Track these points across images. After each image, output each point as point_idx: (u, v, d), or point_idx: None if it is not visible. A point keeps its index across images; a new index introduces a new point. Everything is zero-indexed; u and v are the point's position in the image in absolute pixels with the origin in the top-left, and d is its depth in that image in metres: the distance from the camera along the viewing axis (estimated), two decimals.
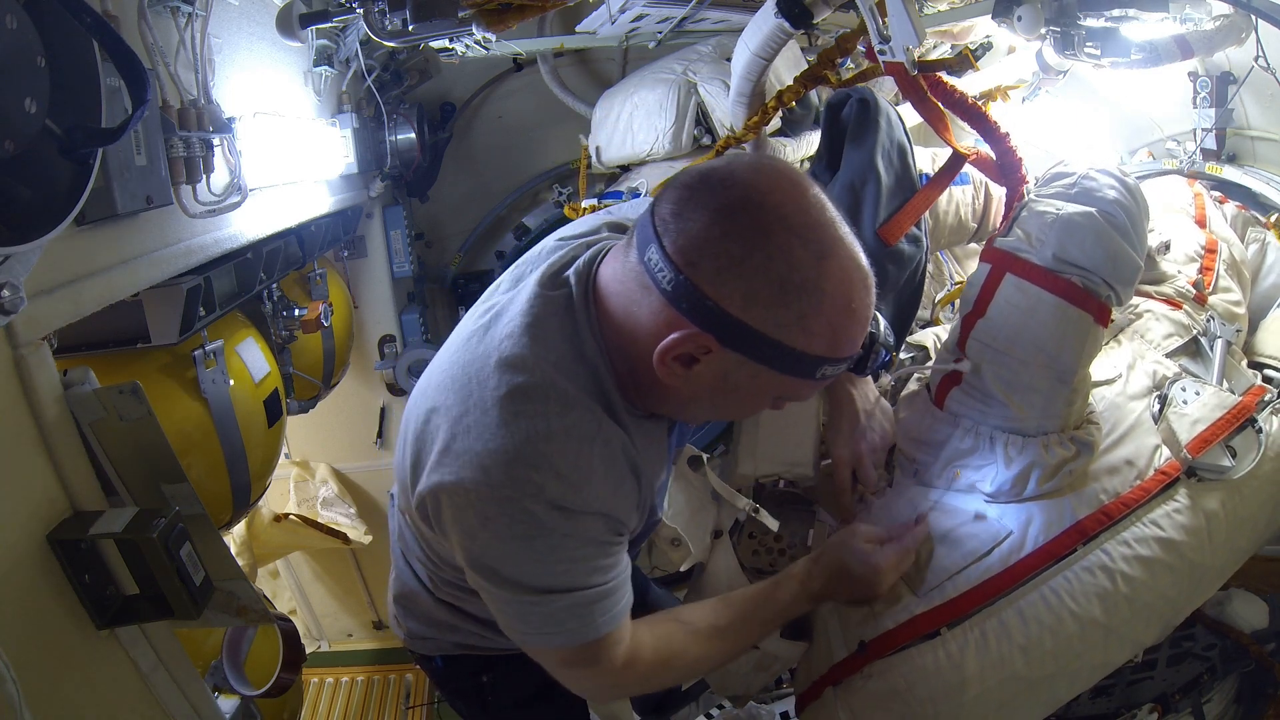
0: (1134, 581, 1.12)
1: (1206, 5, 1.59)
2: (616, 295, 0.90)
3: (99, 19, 0.88)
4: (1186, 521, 1.17)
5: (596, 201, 2.38)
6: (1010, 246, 1.21)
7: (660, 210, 0.85)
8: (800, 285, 0.81)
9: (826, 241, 0.82)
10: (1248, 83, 1.71)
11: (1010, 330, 1.18)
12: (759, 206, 0.81)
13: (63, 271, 1.06)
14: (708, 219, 0.82)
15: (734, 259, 0.80)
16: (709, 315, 0.82)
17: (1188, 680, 1.62)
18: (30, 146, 0.83)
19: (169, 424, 1.13)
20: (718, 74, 2.34)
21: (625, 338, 0.90)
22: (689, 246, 0.82)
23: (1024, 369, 1.17)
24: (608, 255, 0.96)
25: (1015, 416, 1.18)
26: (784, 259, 0.80)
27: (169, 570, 1.00)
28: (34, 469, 0.97)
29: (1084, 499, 1.16)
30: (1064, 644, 1.10)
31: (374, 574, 3.58)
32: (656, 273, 0.84)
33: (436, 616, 1.23)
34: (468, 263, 3.83)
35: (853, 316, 0.86)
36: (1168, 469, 1.20)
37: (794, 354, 0.84)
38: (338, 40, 2.29)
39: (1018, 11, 1.45)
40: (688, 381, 0.88)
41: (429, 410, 0.94)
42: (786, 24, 1.46)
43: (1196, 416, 1.26)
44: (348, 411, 3.25)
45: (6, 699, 0.82)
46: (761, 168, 0.85)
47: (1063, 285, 1.15)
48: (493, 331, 0.93)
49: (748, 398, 0.92)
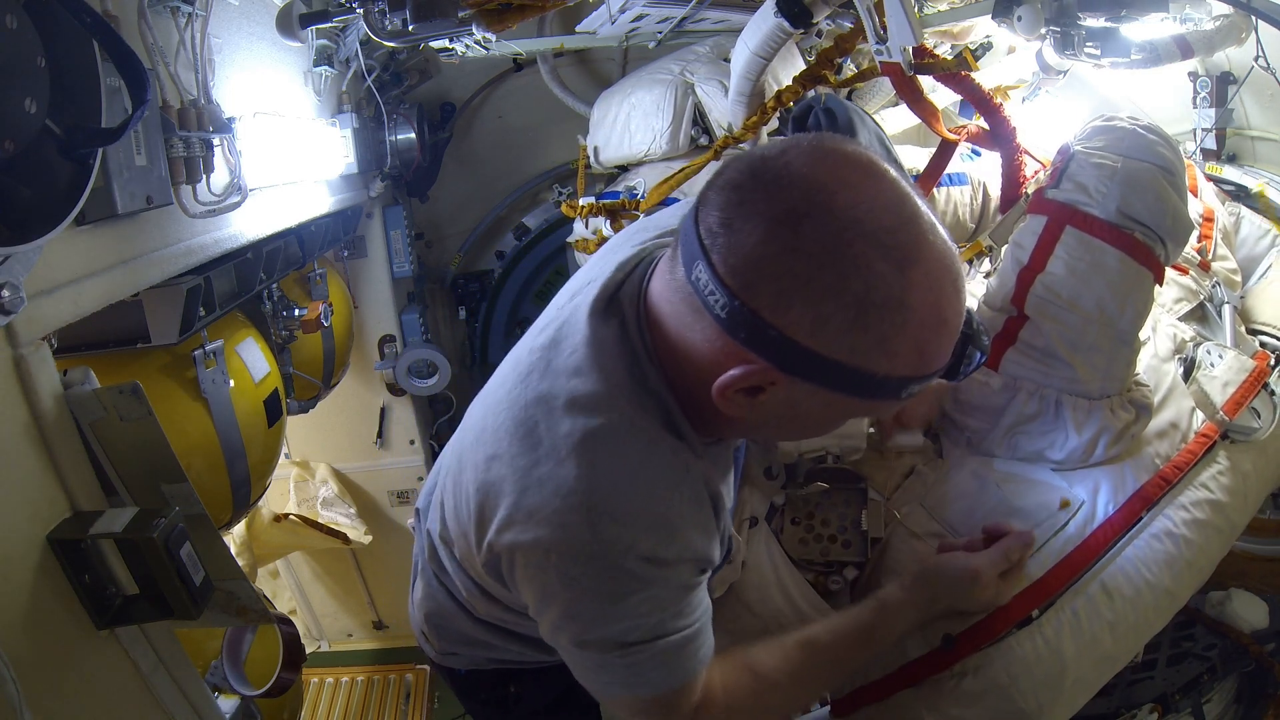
0: (1193, 546, 1.10)
1: (1206, 5, 1.59)
2: (669, 318, 0.79)
3: (99, 19, 0.88)
4: (1229, 483, 1.16)
5: (595, 201, 2.38)
6: (1068, 199, 1.15)
7: (705, 218, 0.72)
8: (882, 304, 0.68)
9: (910, 244, 0.68)
10: (1248, 83, 1.70)
11: (1074, 286, 1.12)
12: (826, 211, 0.67)
13: (63, 271, 1.06)
14: (764, 231, 0.68)
15: (800, 280, 0.67)
16: (772, 345, 0.70)
17: (1188, 680, 1.62)
18: (30, 146, 0.83)
19: (169, 424, 1.13)
20: (715, 74, 2.34)
21: (683, 363, 0.79)
22: (744, 266, 0.69)
23: (1088, 327, 1.12)
24: (655, 269, 0.84)
25: (1079, 378, 1.13)
26: (860, 275, 0.67)
27: (169, 570, 1.00)
28: (34, 469, 0.97)
29: (1141, 464, 1.13)
30: (1142, 617, 1.06)
31: (374, 574, 3.59)
32: (707, 296, 0.72)
33: (474, 636, 1.16)
34: (468, 263, 3.83)
35: (943, 329, 0.73)
36: (1207, 431, 1.18)
37: (874, 379, 0.71)
38: (338, 40, 2.29)
39: (1018, 11, 1.45)
40: (753, 411, 0.77)
41: (489, 458, 0.84)
42: (786, 23, 1.46)
43: (1226, 379, 1.25)
44: (348, 411, 3.26)
45: (6, 699, 0.82)
46: (825, 154, 0.71)
47: (1126, 240, 1.11)
48: (555, 364, 0.83)
49: (823, 422, 0.84)
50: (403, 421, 3.37)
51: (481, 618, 1.11)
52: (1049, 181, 1.22)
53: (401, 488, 3.45)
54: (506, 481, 0.81)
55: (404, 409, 3.35)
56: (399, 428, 3.37)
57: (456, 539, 0.96)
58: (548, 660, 1.09)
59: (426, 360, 3.15)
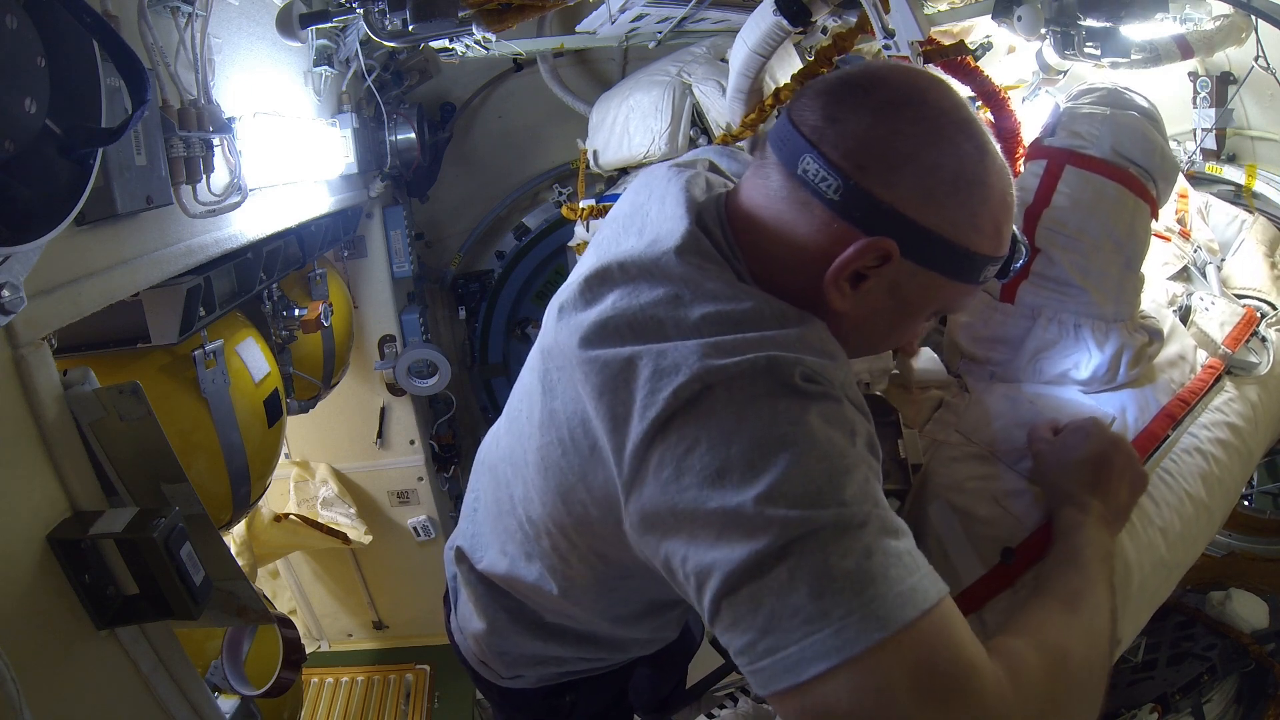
0: (1220, 463, 1.16)
1: (1206, 5, 1.59)
2: (770, 221, 0.81)
3: (99, 19, 0.87)
4: (1241, 409, 1.24)
5: (595, 202, 2.38)
6: (1065, 143, 1.24)
7: (805, 118, 0.79)
8: (971, 181, 0.77)
9: (982, 135, 0.79)
10: (1248, 83, 1.71)
11: (1079, 217, 1.20)
12: (922, 102, 0.77)
13: (63, 271, 1.06)
14: (871, 118, 0.76)
15: (907, 157, 0.75)
16: (884, 219, 0.76)
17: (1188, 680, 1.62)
18: (30, 146, 0.83)
19: (169, 424, 1.13)
20: (712, 74, 2.34)
21: (780, 273, 0.81)
22: (856, 149, 0.76)
23: (1096, 254, 1.19)
24: (739, 188, 0.87)
25: (1094, 301, 1.19)
26: (954, 154, 0.76)
27: (169, 570, 1.00)
28: (34, 469, 0.97)
29: (1160, 388, 1.20)
30: (1188, 528, 1.10)
31: (374, 574, 3.59)
32: (819, 184, 0.77)
33: (543, 653, 1.11)
34: (468, 263, 3.83)
35: (1010, 210, 0.82)
36: (1212, 364, 1.27)
37: (967, 255, 0.79)
38: (338, 40, 2.29)
39: (1018, 11, 1.45)
40: (856, 303, 0.80)
41: (600, 367, 0.75)
42: (784, 21, 1.46)
43: (1221, 319, 1.35)
44: (348, 411, 3.26)
45: (6, 699, 0.82)
46: (901, 67, 0.82)
47: (1122, 174, 1.19)
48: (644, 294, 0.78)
49: (912, 315, 0.85)
50: (403, 421, 3.37)
51: (552, 620, 1.05)
52: (1043, 134, 1.29)
53: (401, 488, 3.45)
54: (642, 357, 0.72)
55: (404, 409, 3.35)
56: (399, 428, 3.37)
57: (572, 503, 0.84)
58: (608, 661, 1.11)
59: (426, 360, 3.15)
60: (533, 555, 0.98)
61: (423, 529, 3.47)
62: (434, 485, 3.47)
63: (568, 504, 0.85)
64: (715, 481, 0.66)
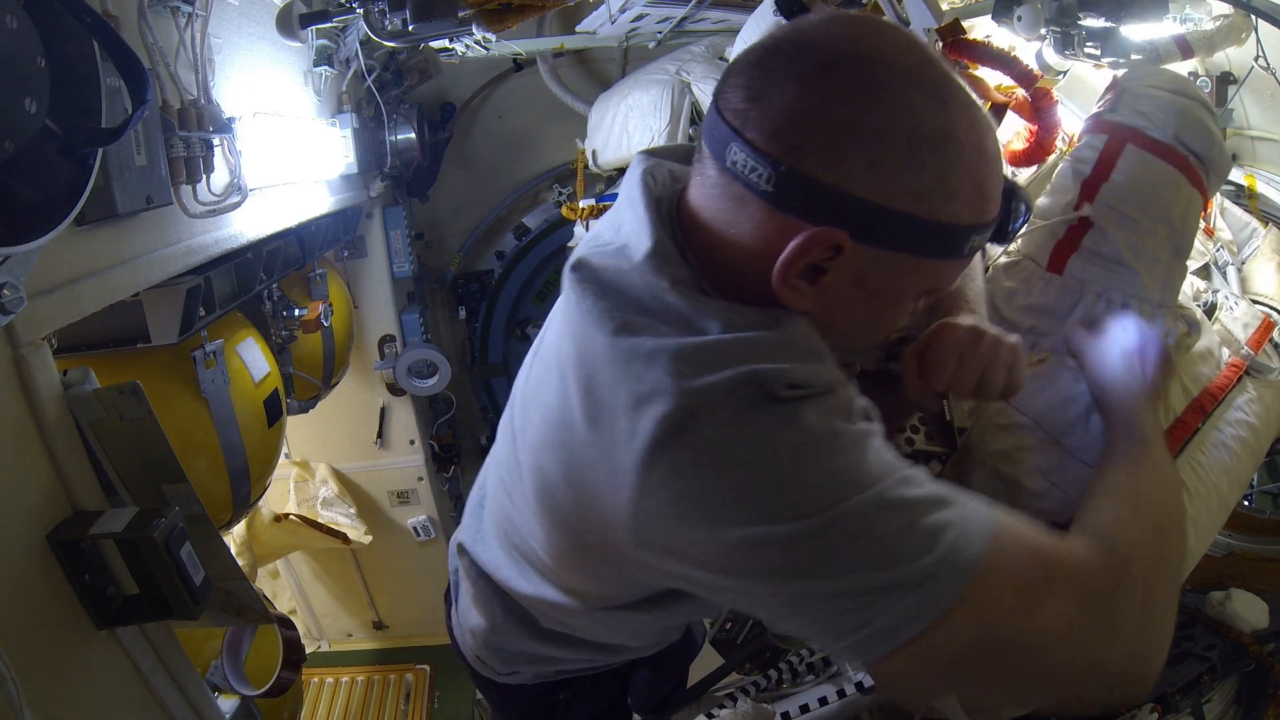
0: (1240, 460, 1.17)
1: (1206, 5, 1.59)
2: (712, 222, 0.72)
3: (99, 19, 0.88)
4: (1259, 410, 1.24)
5: (595, 202, 2.38)
6: (1127, 120, 1.22)
7: (728, 100, 0.68)
8: (930, 138, 0.64)
9: (941, 79, 0.66)
10: (1248, 83, 1.70)
11: (1139, 197, 1.18)
12: (854, 56, 0.64)
13: (63, 271, 1.06)
14: (796, 88, 0.64)
15: (845, 127, 0.63)
16: (829, 205, 0.64)
17: (1188, 680, 1.62)
18: (30, 146, 0.83)
19: (169, 424, 1.13)
20: (711, 73, 2.34)
21: (732, 276, 0.71)
22: (783, 129, 0.64)
23: (1150, 237, 1.18)
24: (687, 186, 0.77)
25: (1142, 284, 1.18)
26: (905, 111, 0.63)
27: (169, 570, 1.00)
28: (34, 469, 0.97)
29: (1190, 379, 1.21)
30: (1209, 520, 1.11)
31: (374, 574, 3.59)
32: (750, 175, 0.66)
33: (539, 652, 1.10)
34: (468, 263, 3.83)
35: (994, 164, 0.69)
36: (1235, 363, 1.27)
37: (939, 228, 0.67)
38: (338, 40, 2.30)
39: (1018, 11, 1.45)
40: (817, 300, 0.70)
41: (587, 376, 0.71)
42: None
43: (1245, 320, 1.35)
44: (348, 411, 3.26)
45: (6, 699, 0.82)
46: (835, 16, 0.69)
47: (1182, 161, 1.18)
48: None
49: (890, 303, 0.74)
50: (403, 421, 3.37)
51: (549, 627, 1.03)
52: (1104, 106, 1.27)
53: (401, 488, 3.45)
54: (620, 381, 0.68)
55: (404, 409, 3.35)
56: (399, 428, 3.37)
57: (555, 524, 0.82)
58: (606, 662, 1.09)
59: (426, 360, 3.15)
60: (531, 569, 0.97)
61: (423, 529, 3.47)
62: (434, 485, 3.47)
63: (564, 529, 0.83)
64: (727, 515, 0.64)
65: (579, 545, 0.82)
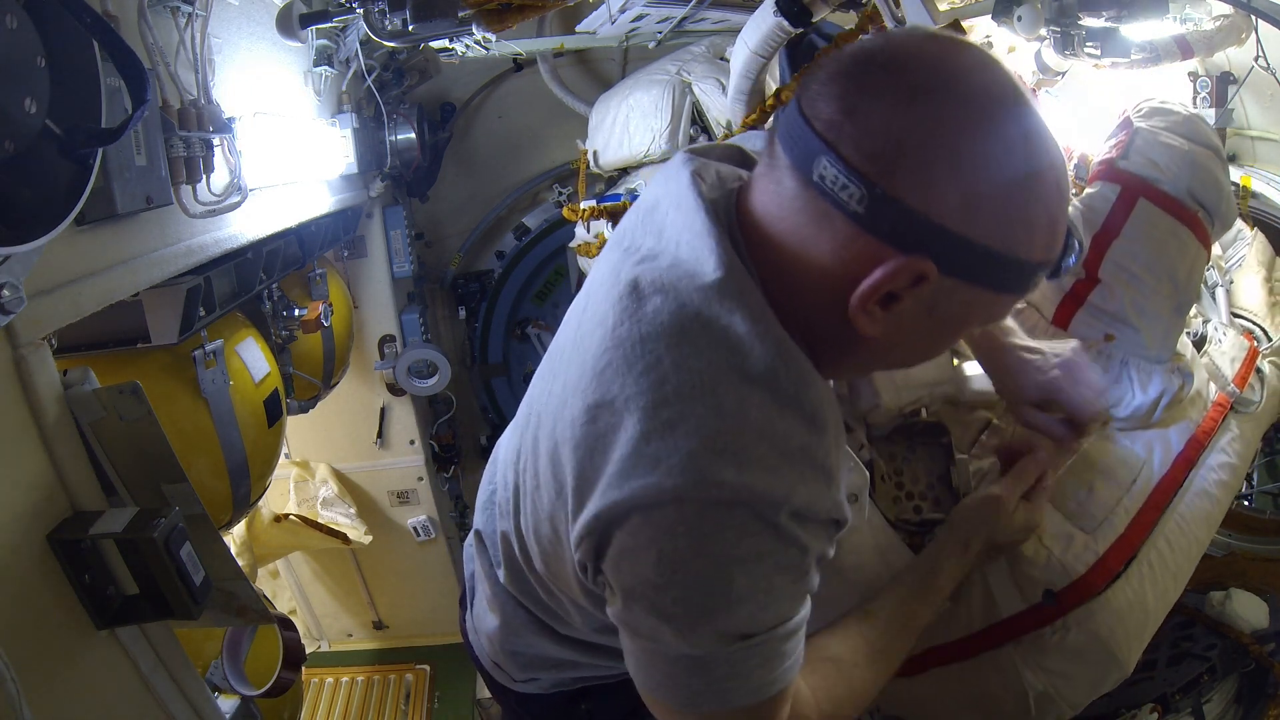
0: (1220, 505, 1.17)
1: (1206, 5, 1.59)
2: (785, 235, 0.69)
3: (99, 19, 0.88)
4: (1240, 449, 1.24)
5: (596, 203, 2.38)
6: (1142, 171, 1.21)
7: (818, 109, 0.65)
8: (1020, 175, 0.63)
9: (1029, 115, 0.64)
10: (1248, 83, 1.70)
11: (1147, 255, 1.18)
12: (957, 84, 0.63)
13: (63, 271, 1.06)
14: (897, 109, 0.62)
15: (945, 156, 0.62)
16: (920, 233, 0.63)
17: (1188, 680, 1.62)
18: (30, 146, 0.83)
19: (169, 424, 1.13)
20: (711, 73, 2.35)
21: (800, 295, 0.70)
22: (882, 148, 0.62)
23: (1154, 296, 1.18)
24: (750, 188, 0.74)
25: (1144, 343, 1.19)
26: (1002, 146, 0.63)
27: (169, 570, 1.00)
28: (34, 469, 0.97)
29: (1180, 428, 1.21)
30: (1186, 570, 1.11)
31: (374, 574, 3.59)
32: (840, 192, 0.63)
33: (560, 657, 1.07)
34: (468, 263, 3.83)
35: (1066, 201, 0.69)
36: (1221, 400, 1.27)
37: (1018, 264, 0.66)
38: (338, 40, 2.30)
39: (1018, 11, 1.45)
40: (887, 326, 0.68)
41: (591, 406, 0.70)
42: (785, 22, 1.46)
43: (1233, 355, 1.34)
44: (348, 411, 3.26)
45: (6, 699, 0.82)
46: (930, 35, 0.67)
47: (1191, 218, 1.18)
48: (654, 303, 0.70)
49: (953, 332, 0.74)
50: (403, 421, 3.37)
51: (568, 634, 1.02)
52: (1116, 152, 1.26)
53: (401, 488, 3.45)
54: (627, 425, 0.67)
55: (404, 409, 3.35)
56: (399, 428, 3.37)
57: (541, 535, 0.84)
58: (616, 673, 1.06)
59: (426, 360, 3.15)
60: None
61: (423, 529, 3.47)
62: (434, 485, 3.47)
63: (538, 537, 0.84)
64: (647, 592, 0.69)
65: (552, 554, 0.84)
